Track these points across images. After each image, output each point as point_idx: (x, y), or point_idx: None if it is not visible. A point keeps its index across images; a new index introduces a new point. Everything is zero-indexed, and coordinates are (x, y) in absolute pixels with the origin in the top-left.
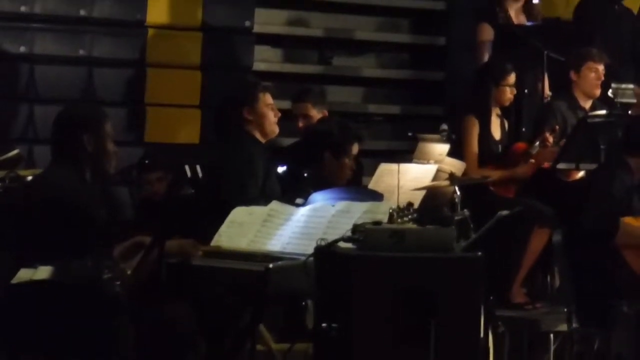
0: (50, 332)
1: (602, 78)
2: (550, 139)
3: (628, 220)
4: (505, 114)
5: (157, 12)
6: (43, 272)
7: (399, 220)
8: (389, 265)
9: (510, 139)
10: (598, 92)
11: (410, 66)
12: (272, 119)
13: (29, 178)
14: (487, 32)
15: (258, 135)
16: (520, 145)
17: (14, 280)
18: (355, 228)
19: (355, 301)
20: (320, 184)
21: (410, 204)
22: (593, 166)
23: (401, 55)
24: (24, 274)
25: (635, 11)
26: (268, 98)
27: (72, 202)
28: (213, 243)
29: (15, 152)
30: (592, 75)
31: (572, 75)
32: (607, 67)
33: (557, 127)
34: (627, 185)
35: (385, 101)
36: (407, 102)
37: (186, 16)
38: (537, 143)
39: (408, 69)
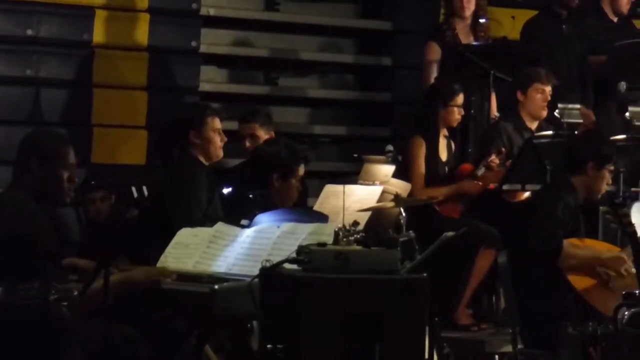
0: None
1: (549, 99)
2: (496, 160)
3: (572, 241)
4: (451, 134)
5: (104, 32)
6: None
7: (345, 240)
8: (334, 287)
9: (456, 160)
10: (544, 113)
11: (356, 87)
12: (217, 143)
13: None
14: (435, 52)
15: (202, 158)
16: (467, 167)
17: None
18: (300, 249)
19: (300, 322)
20: (268, 206)
21: (356, 223)
22: (539, 187)
23: (347, 76)
24: None
25: None
26: (216, 122)
27: (20, 225)
28: (159, 264)
29: None
30: (539, 96)
31: (519, 95)
32: (554, 88)
33: (503, 148)
34: (571, 205)
35: (331, 122)
36: (353, 123)
37: (132, 37)
38: (483, 164)
39: (354, 90)
